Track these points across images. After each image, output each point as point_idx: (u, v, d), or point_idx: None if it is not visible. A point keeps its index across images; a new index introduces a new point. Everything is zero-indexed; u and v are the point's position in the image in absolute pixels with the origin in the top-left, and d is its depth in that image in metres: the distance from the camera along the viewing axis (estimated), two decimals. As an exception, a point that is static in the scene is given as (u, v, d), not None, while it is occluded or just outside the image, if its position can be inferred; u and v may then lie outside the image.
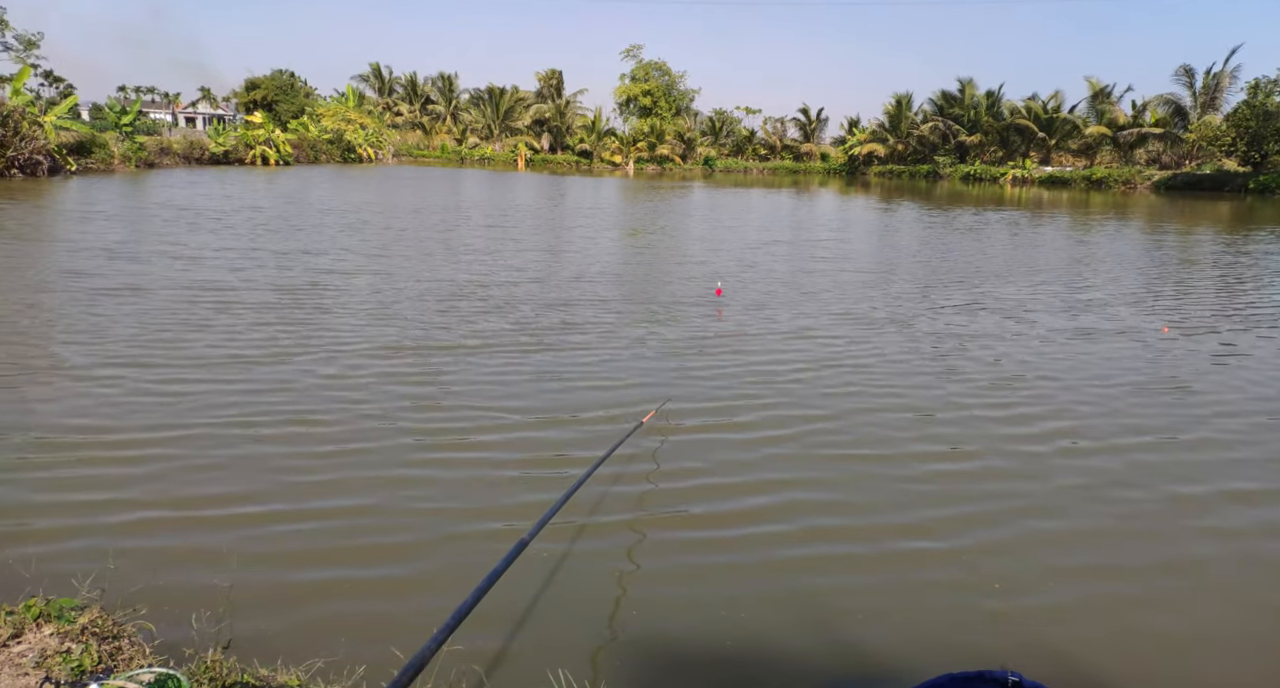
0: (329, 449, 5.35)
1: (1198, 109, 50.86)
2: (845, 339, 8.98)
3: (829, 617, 3.69)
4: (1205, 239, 21.45)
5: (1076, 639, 3.55)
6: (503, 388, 6.79)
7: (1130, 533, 4.56)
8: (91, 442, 5.32)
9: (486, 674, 3.16)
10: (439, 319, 9.33)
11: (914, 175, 60.71)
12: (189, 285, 10.77)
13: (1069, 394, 7.06)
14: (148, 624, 3.07)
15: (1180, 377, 7.77)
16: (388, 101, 76.22)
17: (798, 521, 4.59)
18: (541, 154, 69.52)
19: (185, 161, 42.49)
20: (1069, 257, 17.41)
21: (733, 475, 5.18)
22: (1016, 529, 4.57)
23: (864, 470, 5.32)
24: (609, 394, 6.77)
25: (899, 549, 4.31)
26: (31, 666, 2.61)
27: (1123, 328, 9.97)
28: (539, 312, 9.97)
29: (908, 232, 22.46)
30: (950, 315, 10.47)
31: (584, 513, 4.56)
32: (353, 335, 8.39)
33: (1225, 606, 3.86)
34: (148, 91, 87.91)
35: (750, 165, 69.60)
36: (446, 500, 4.70)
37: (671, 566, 4.10)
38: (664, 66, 66.39)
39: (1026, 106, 58.45)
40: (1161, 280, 14.10)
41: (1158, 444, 5.94)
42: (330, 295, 10.48)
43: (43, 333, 8.07)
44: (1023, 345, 8.90)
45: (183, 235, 15.73)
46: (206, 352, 7.55)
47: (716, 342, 8.73)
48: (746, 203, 32.36)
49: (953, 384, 7.29)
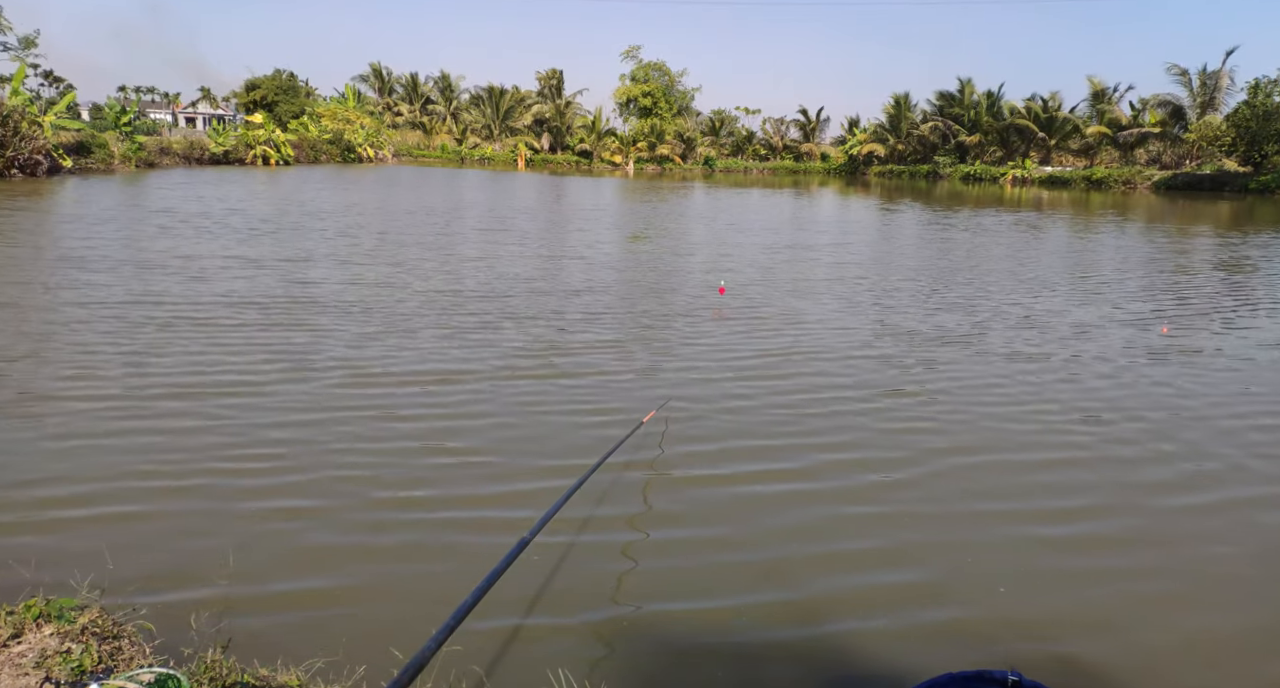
0: (328, 449, 5.35)
1: (1197, 109, 50.84)
2: (845, 339, 8.99)
3: (829, 616, 3.69)
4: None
5: (1077, 640, 3.54)
6: (502, 388, 6.79)
7: (1130, 534, 4.56)
8: (92, 443, 5.33)
9: (486, 674, 3.15)
10: (437, 316, 9.33)
11: (914, 175, 60.65)
12: (175, 297, 10.76)
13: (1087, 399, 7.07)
14: (148, 624, 3.06)
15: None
16: (388, 102, 76.16)
17: (798, 519, 4.59)
18: (542, 154, 69.45)
19: (185, 162, 42.47)
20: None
21: (732, 475, 5.18)
22: (1017, 530, 4.57)
23: (864, 469, 5.32)
24: (609, 394, 6.77)
25: (899, 550, 4.31)
26: (31, 666, 2.61)
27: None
28: (539, 311, 9.97)
29: (912, 232, 22.44)
30: (945, 314, 10.47)
31: (585, 512, 4.56)
32: (356, 331, 8.39)
33: (1231, 603, 3.86)
34: (148, 91, 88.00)
35: (750, 165, 69.52)
36: (445, 499, 4.71)
37: (672, 565, 4.10)
38: (663, 67, 66.38)
39: (1026, 107, 58.39)
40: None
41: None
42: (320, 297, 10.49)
43: (48, 323, 8.08)
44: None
45: (167, 242, 15.25)
46: (196, 358, 7.55)
47: (717, 342, 8.73)
48: (745, 202, 32.33)
49: (954, 382, 7.30)
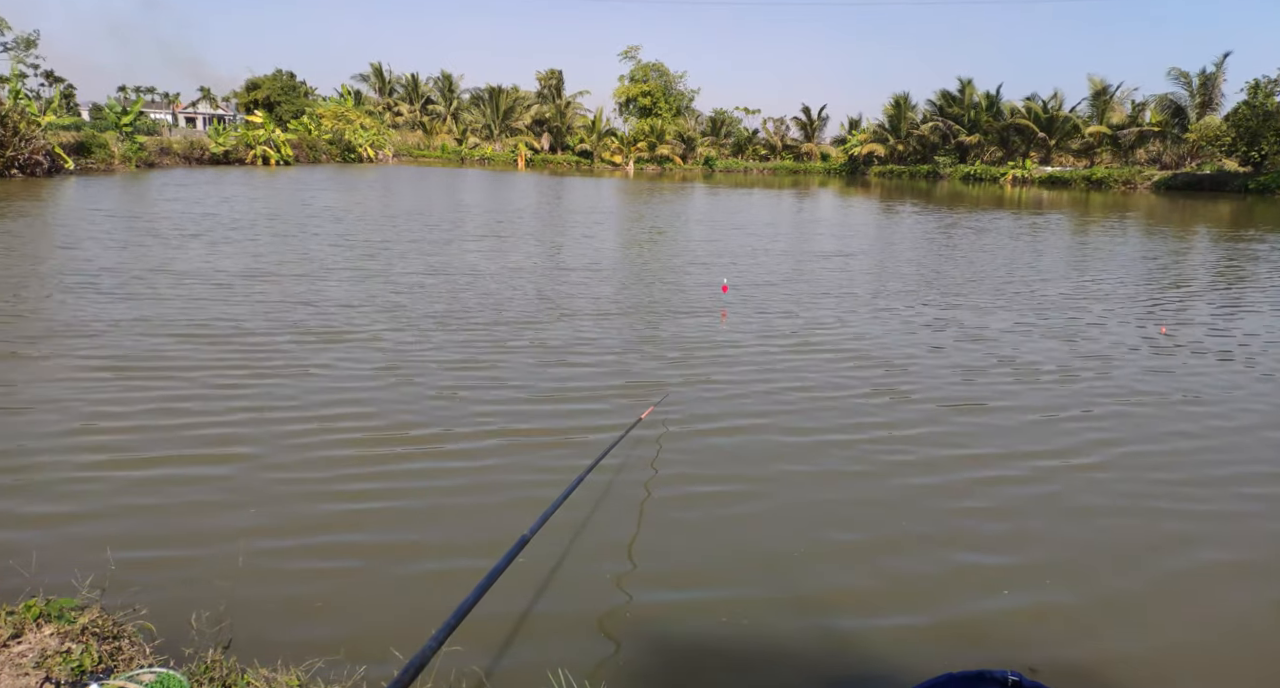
0: (327, 450, 5.35)
1: (1196, 109, 50.83)
2: (845, 339, 8.99)
3: (830, 616, 3.68)
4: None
5: (1077, 641, 3.55)
6: (500, 389, 6.79)
7: (1133, 533, 4.57)
8: (91, 444, 5.33)
9: (486, 674, 3.15)
10: (434, 308, 9.33)
11: (914, 175, 60.66)
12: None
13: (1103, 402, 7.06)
14: (148, 624, 3.06)
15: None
16: (388, 102, 76.17)
17: (798, 518, 4.59)
18: (542, 154, 69.45)
19: (185, 162, 42.48)
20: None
21: (731, 472, 5.18)
22: (1017, 531, 4.57)
23: (864, 469, 5.32)
24: (607, 390, 6.77)
25: (900, 550, 4.31)
26: (32, 666, 2.61)
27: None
28: (538, 312, 9.97)
29: (919, 232, 22.43)
30: (936, 310, 10.48)
31: (584, 510, 4.56)
32: (363, 326, 8.40)
33: (1229, 608, 3.86)
34: (148, 92, 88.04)
35: (750, 165, 69.52)
36: (445, 499, 4.71)
37: (671, 563, 4.10)
38: (662, 67, 66.43)
39: (1026, 106, 58.41)
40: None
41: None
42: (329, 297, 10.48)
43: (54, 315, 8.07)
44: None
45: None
46: (197, 358, 7.56)
47: (716, 339, 8.73)
48: (746, 202, 32.33)
49: (955, 382, 7.30)
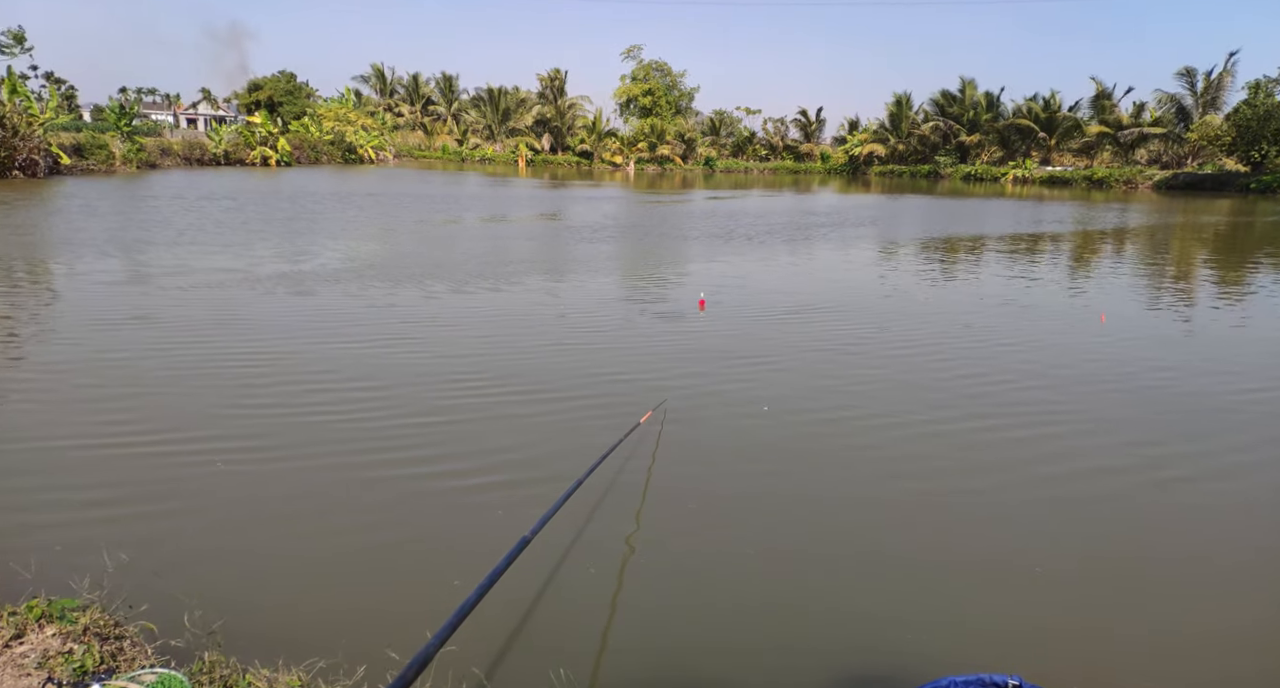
0: (327, 451, 5.36)
1: (1199, 109, 50.82)
2: (844, 338, 9.00)
3: (830, 618, 3.69)
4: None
5: (1077, 643, 3.55)
6: (499, 391, 6.80)
7: (1131, 532, 4.57)
8: (90, 443, 5.34)
9: (486, 675, 3.16)
10: (433, 309, 9.35)
11: (915, 175, 60.66)
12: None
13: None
14: (149, 625, 3.07)
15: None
16: (389, 102, 76.19)
17: (798, 519, 4.60)
18: (542, 155, 69.44)
19: (185, 162, 42.55)
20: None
21: (729, 475, 5.19)
22: (1017, 531, 4.58)
23: (864, 468, 5.33)
24: (607, 395, 6.78)
25: (900, 550, 4.32)
26: (34, 666, 2.62)
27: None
28: (540, 311, 9.98)
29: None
30: (942, 311, 10.47)
31: (584, 512, 4.57)
32: (365, 329, 8.41)
33: (1232, 605, 3.87)
34: (149, 93, 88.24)
35: (751, 166, 69.52)
36: (445, 499, 4.71)
37: (671, 564, 4.10)
38: (664, 66, 66.47)
39: (1027, 106, 58.41)
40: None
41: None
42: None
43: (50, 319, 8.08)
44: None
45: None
46: (193, 359, 7.57)
47: (714, 344, 8.73)
48: (742, 204, 32.33)
49: (956, 383, 7.31)
